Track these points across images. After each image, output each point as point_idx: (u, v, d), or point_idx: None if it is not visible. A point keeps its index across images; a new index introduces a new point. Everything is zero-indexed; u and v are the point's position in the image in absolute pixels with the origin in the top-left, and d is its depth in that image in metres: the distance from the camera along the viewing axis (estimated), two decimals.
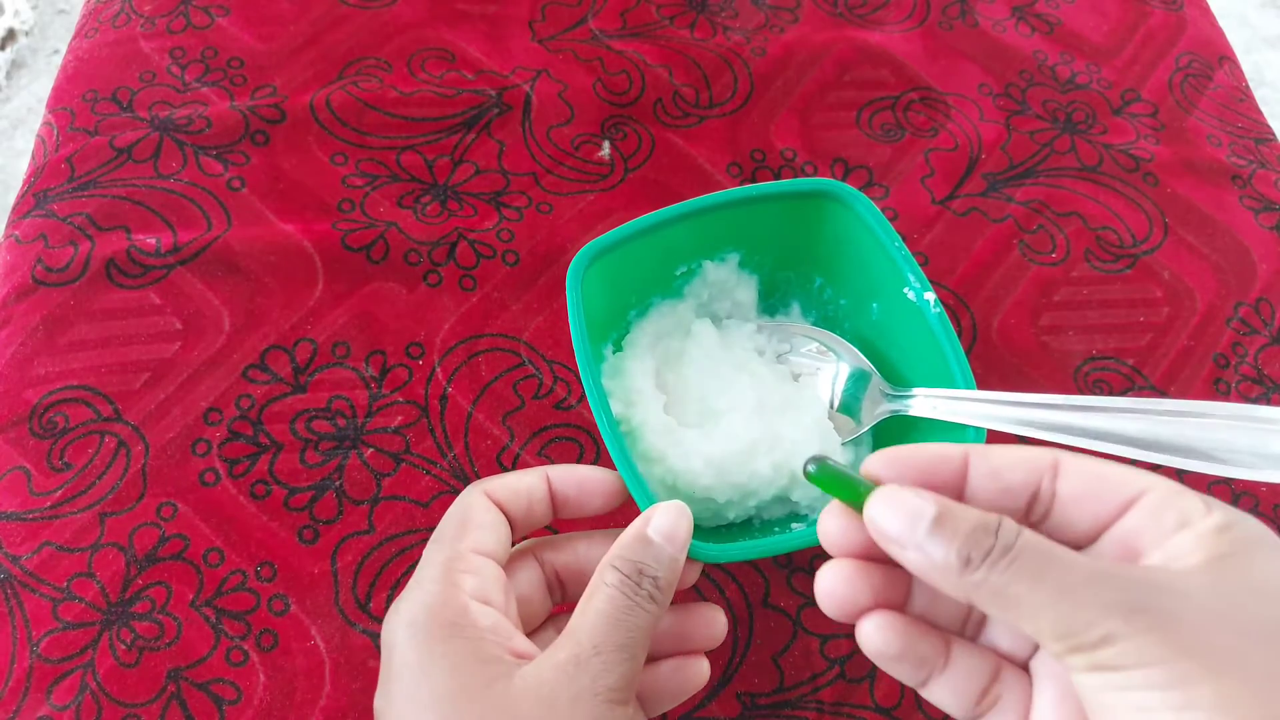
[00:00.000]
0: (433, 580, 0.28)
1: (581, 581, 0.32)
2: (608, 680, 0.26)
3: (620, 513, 0.36)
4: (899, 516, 0.24)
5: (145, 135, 0.50)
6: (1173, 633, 0.21)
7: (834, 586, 0.26)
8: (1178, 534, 0.23)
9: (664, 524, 0.29)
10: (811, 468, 0.27)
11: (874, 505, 0.25)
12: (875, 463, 0.26)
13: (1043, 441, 0.43)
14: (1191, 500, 0.23)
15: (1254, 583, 0.22)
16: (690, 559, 0.31)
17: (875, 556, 0.26)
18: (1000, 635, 0.28)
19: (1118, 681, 0.21)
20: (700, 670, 0.32)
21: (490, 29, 0.56)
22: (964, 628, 0.28)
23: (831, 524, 0.26)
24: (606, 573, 0.28)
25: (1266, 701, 0.20)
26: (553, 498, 0.32)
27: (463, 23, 0.56)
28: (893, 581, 0.27)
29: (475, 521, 0.29)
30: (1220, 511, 0.23)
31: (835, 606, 0.26)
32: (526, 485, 0.31)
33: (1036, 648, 0.27)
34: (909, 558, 0.24)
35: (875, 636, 0.26)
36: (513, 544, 0.31)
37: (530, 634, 0.32)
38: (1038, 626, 0.22)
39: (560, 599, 0.33)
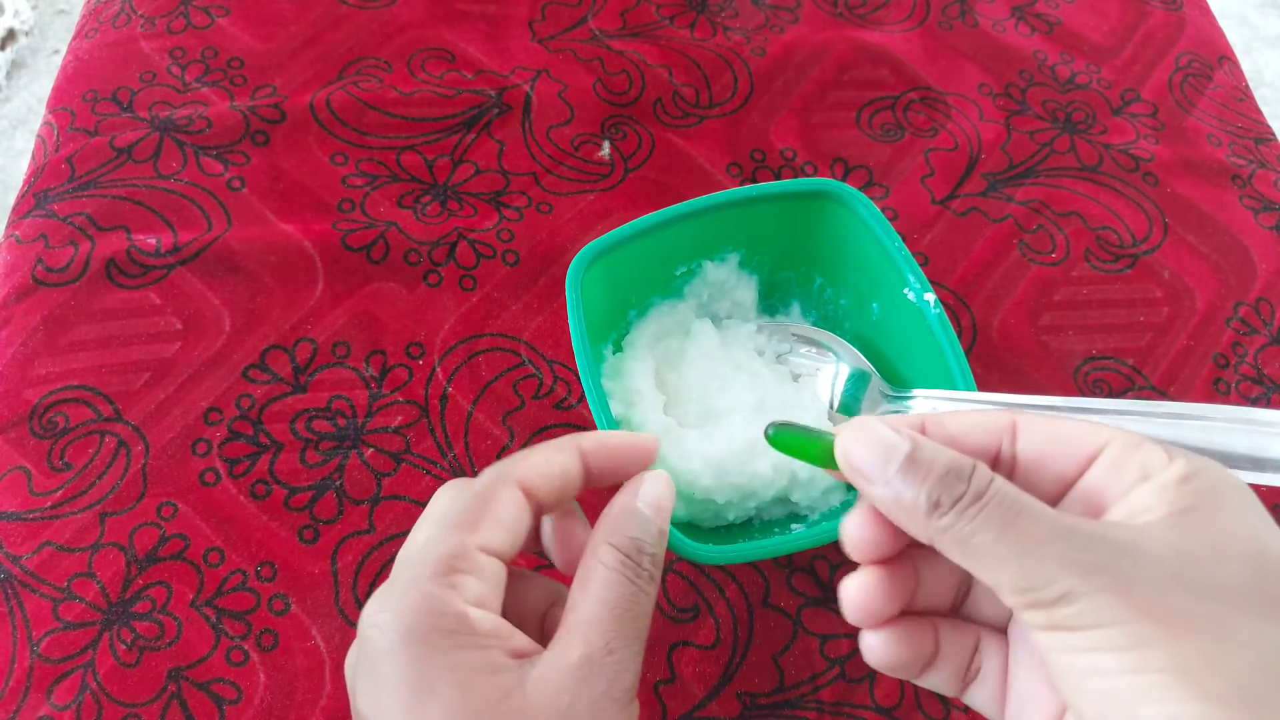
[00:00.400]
0: (429, 579, 0.24)
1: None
2: (624, 682, 0.24)
3: None
4: (872, 450, 0.23)
5: (145, 135, 0.50)
6: (1130, 593, 0.20)
7: (859, 596, 0.25)
8: (1139, 487, 0.22)
9: (652, 494, 0.27)
10: (770, 430, 0.26)
11: (847, 437, 0.24)
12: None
13: None
14: (1152, 451, 0.23)
15: (1215, 539, 0.21)
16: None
17: (893, 556, 0.26)
18: (982, 605, 0.27)
19: (1074, 642, 0.21)
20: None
21: (490, 29, 0.56)
22: (951, 606, 0.28)
23: (854, 527, 0.25)
24: (602, 551, 0.26)
25: (1223, 666, 0.20)
26: (586, 471, 0.28)
27: (463, 23, 0.56)
28: (905, 580, 0.26)
29: (494, 516, 0.26)
30: (1182, 460, 0.22)
31: (861, 616, 0.26)
32: (560, 467, 0.27)
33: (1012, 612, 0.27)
34: (877, 493, 0.23)
35: (883, 651, 0.26)
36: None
37: None
38: (999, 579, 0.22)
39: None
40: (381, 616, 0.24)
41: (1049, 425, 0.24)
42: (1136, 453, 0.23)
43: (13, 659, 0.38)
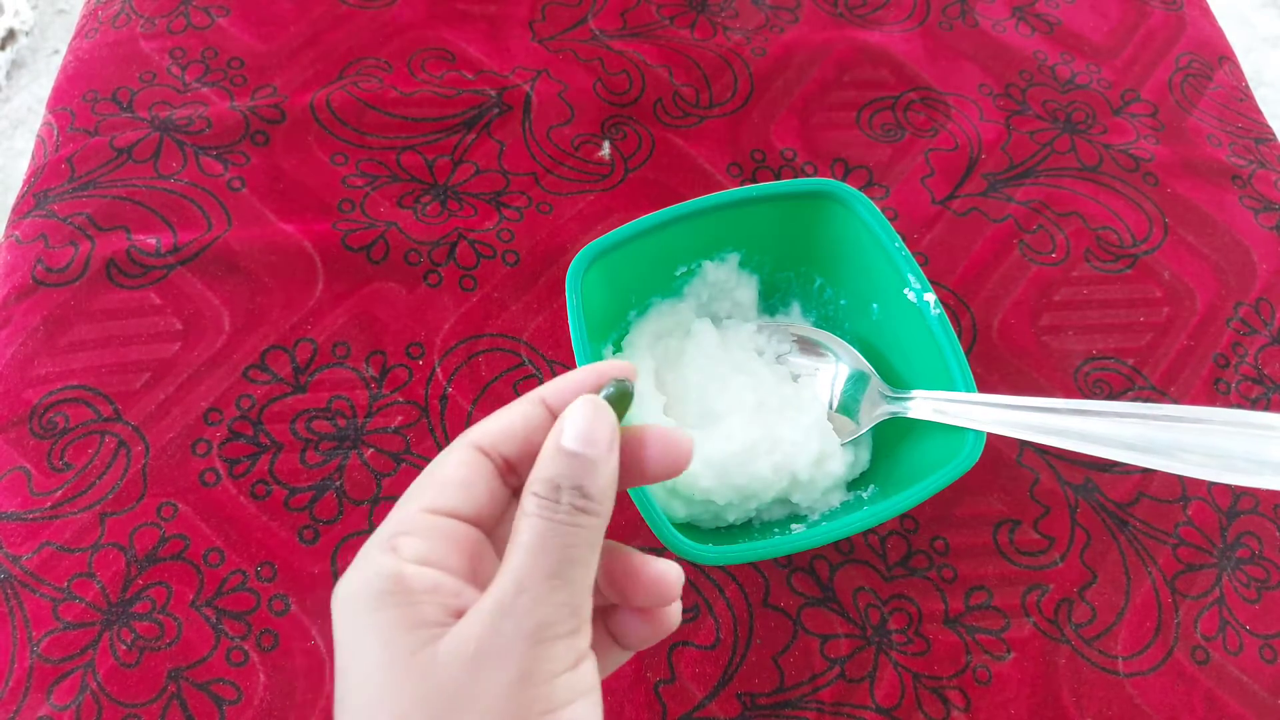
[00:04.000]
0: (375, 547, 0.25)
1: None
2: (537, 617, 0.23)
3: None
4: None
5: (145, 135, 0.50)
6: None
7: None
8: None
9: (578, 428, 0.25)
10: (616, 389, 0.26)
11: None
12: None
13: (1042, 445, 0.43)
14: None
15: None
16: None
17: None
18: None
19: None
20: (669, 617, 0.28)
21: (490, 29, 0.56)
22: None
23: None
24: (527, 500, 0.25)
25: None
26: (553, 418, 0.27)
27: (463, 23, 0.56)
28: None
29: (439, 478, 0.26)
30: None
31: None
32: (521, 417, 0.26)
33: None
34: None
35: None
36: (516, 487, 0.27)
37: None
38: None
39: (518, 484, 0.28)
40: (335, 595, 0.25)
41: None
42: None
43: (13, 659, 0.38)
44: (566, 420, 0.25)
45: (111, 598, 0.39)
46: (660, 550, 0.41)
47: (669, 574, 0.27)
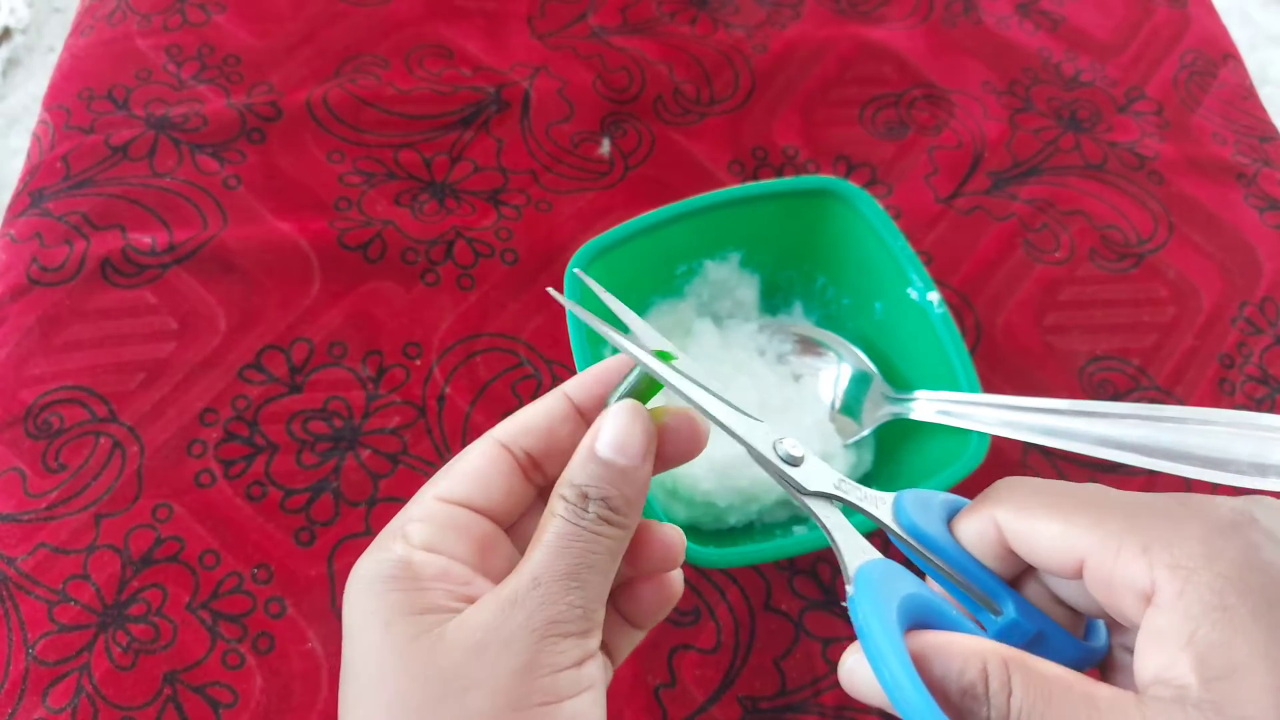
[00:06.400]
0: (388, 533, 0.25)
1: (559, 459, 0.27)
2: (547, 613, 0.23)
3: None
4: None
5: (141, 133, 0.50)
6: None
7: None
8: (1153, 645, 0.20)
9: (613, 435, 0.25)
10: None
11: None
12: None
13: (1044, 447, 0.43)
14: (1133, 563, 0.21)
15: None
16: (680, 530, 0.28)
17: None
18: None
19: None
20: (673, 584, 0.29)
21: (489, 25, 0.56)
22: None
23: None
24: (555, 500, 0.25)
25: None
26: (581, 414, 0.27)
27: (461, 19, 0.56)
28: None
29: (457, 469, 0.26)
30: (1166, 577, 0.20)
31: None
32: (544, 412, 0.26)
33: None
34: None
35: None
36: (550, 479, 0.27)
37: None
38: None
39: (543, 482, 0.28)
40: (348, 581, 0.25)
41: (1027, 527, 0.23)
42: (1117, 565, 0.21)
43: (8, 662, 0.38)
44: (604, 424, 0.25)
45: (107, 600, 0.39)
46: None
47: (674, 537, 0.28)
